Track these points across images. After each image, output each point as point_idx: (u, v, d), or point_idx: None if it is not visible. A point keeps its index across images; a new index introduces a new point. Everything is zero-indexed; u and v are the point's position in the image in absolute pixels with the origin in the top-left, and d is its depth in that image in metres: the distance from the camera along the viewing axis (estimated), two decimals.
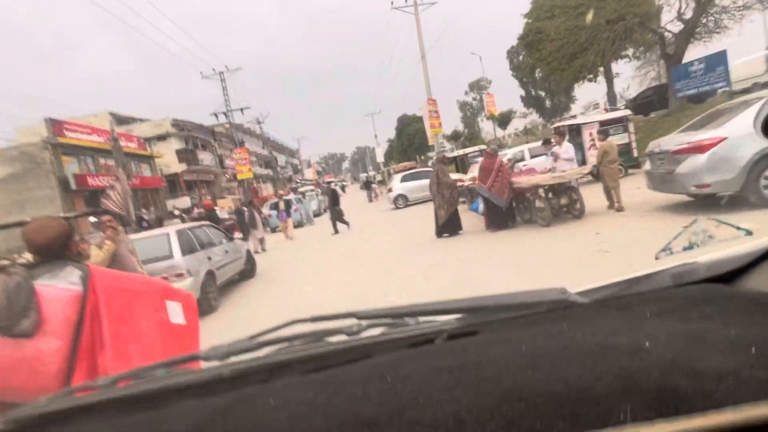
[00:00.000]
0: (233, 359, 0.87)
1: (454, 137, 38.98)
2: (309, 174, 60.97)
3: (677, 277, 0.95)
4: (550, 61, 18.95)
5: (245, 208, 14.49)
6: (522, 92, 56.24)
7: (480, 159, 14.39)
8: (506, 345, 0.71)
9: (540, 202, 8.57)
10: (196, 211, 21.00)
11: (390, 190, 19.55)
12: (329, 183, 19.34)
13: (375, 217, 18.12)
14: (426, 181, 19.57)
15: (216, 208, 24.08)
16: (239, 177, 30.29)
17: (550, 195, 8.66)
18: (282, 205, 15.66)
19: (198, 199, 40.30)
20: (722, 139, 6.30)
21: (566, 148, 9.03)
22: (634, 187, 10.61)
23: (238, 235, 12.77)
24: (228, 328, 6.24)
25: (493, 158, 8.72)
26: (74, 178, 26.23)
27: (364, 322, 0.89)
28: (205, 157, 44.05)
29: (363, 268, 8.28)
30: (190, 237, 7.48)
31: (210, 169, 44.62)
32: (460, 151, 21.32)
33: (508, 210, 8.87)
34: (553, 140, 10.49)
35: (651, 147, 7.60)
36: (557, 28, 18.33)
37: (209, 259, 7.60)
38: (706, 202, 7.08)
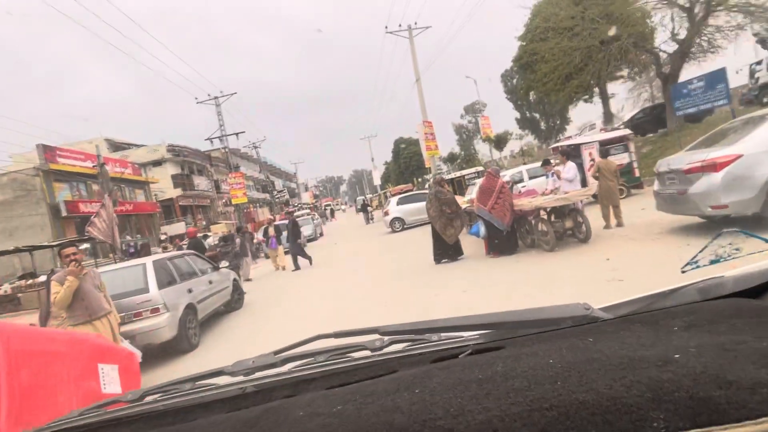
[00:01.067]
0: (258, 374, 0.89)
1: (451, 159, 38.80)
2: (306, 197, 60.60)
3: (703, 291, 0.92)
4: (545, 82, 18.78)
5: (235, 234, 13.93)
6: (517, 114, 56.65)
7: (478, 180, 13.99)
8: (533, 358, 0.70)
9: (543, 225, 8.08)
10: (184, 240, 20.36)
11: (386, 213, 19.07)
12: (291, 212, 18.09)
13: (371, 242, 17.58)
14: (423, 204, 19.50)
15: (209, 234, 23.55)
16: (234, 201, 29.81)
17: (554, 218, 8.17)
18: (272, 231, 14.54)
19: (193, 224, 39.82)
20: (738, 157, 5.86)
21: (569, 168, 8.60)
22: (638, 208, 10.15)
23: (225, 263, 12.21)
24: (207, 367, 5.66)
25: (494, 179, 8.26)
26: (65, 205, 25.70)
27: (386, 338, 0.90)
28: (201, 182, 43.71)
29: (356, 300, 7.70)
30: (169, 268, 6.91)
31: (206, 194, 44.22)
32: (457, 173, 20.96)
33: (510, 234, 8.36)
34: (553, 161, 10.08)
35: (660, 166, 7.16)
36: (551, 50, 18.22)
37: (190, 291, 7.02)
38: (720, 224, 6.61)
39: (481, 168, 20.82)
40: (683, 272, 1.15)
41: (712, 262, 1.18)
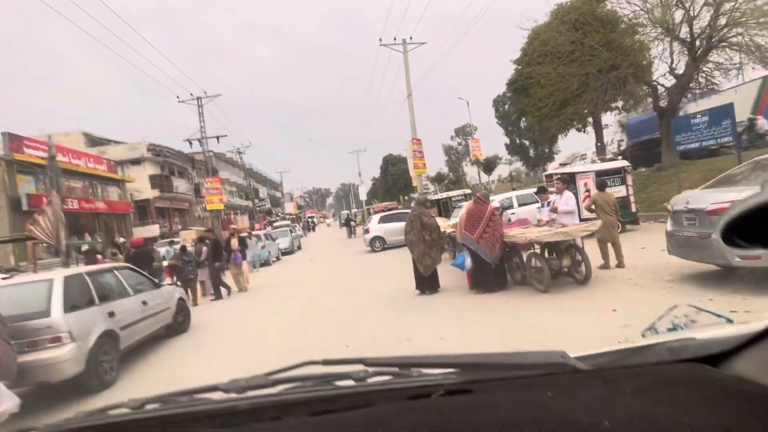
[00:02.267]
0: (249, 393, 0.93)
1: (438, 179, 38.09)
2: (290, 208, 59.11)
3: (673, 351, 0.96)
4: (540, 107, 18.04)
5: (193, 245, 12.55)
6: (507, 140, 56.49)
7: (464, 204, 12.99)
8: (495, 409, 0.75)
9: (537, 261, 7.03)
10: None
11: (367, 231, 17.93)
12: (210, 230, 15.79)
13: (347, 261, 16.37)
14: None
15: (176, 240, 22.00)
16: (209, 207, 28.35)
17: (549, 253, 7.14)
18: (235, 243, 12.28)
19: (168, 227, 38.05)
20: None
21: (567, 199, 7.60)
22: (637, 247, 9.19)
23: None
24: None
25: (483, 205, 7.21)
26: (27, 198, 24.00)
27: (370, 369, 0.93)
28: (181, 185, 42.12)
29: (316, 335, 6.51)
30: (88, 286, 5.64)
31: (184, 197, 42.61)
32: (443, 194, 19.99)
33: (498, 268, 7.29)
34: (550, 188, 9.11)
35: (676, 203, 6.20)
36: (548, 75, 17.53)
37: (111, 315, 5.74)
38: (739, 274, 5.63)
39: (468, 191, 19.88)
40: (643, 336, 1.40)
41: (670, 330, 1.34)
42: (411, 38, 21.31)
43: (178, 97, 26.70)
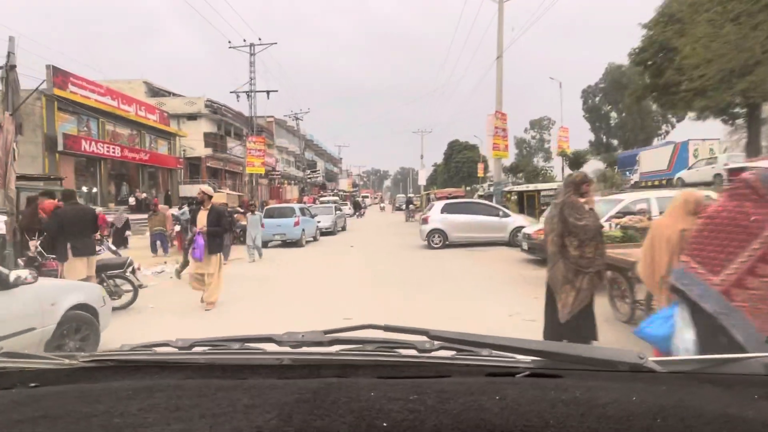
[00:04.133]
0: (305, 349, 0.87)
1: (513, 170, 33.18)
2: (345, 184, 56.11)
3: None
4: (692, 78, 12.73)
5: (180, 208, 8.96)
6: (592, 136, 49.75)
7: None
8: (589, 395, 0.67)
9: None
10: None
11: (425, 221, 13.75)
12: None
13: (396, 258, 12.28)
14: (477, 218, 13.47)
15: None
16: (248, 170, 25.38)
17: None
18: (201, 222, 6.66)
19: (217, 187, 35.82)
20: None
21: None
22: None
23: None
24: None
25: (759, 204, 2.84)
26: (64, 138, 22.11)
27: (435, 342, 0.87)
28: (236, 147, 39.91)
29: None
30: None
31: (238, 160, 40.28)
32: (530, 186, 15.36)
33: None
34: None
35: None
36: (702, 39, 12.27)
37: None
38: None
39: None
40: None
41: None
42: None
43: (229, 42, 23.59)
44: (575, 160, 26.58)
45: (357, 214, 38.15)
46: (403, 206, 47.31)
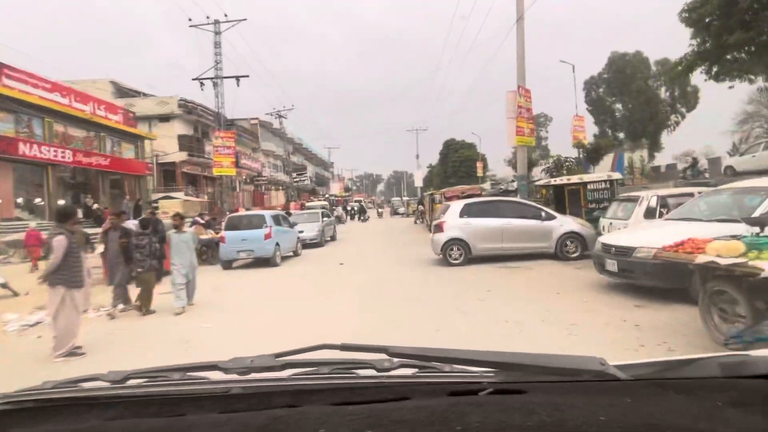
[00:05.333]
0: (254, 375, 0.82)
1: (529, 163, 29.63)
2: (336, 188, 52.32)
3: (729, 367, 0.84)
4: None
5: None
6: (596, 130, 46.47)
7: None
8: (554, 412, 0.65)
9: None
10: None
11: (438, 229, 9.99)
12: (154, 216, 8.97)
13: (404, 282, 8.58)
14: (511, 223, 9.19)
15: (154, 214, 15.14)
16: (215, 171, 21.57)
17: None
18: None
19: (195, 194, 31.88)
20: None
21: None
22: None
23: None
24: None
25: None
26: None
27: (395, 360, 0.84)
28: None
29: None
30: None
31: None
32: (572, 178, 11.72)
33: None
34: None
35: None
36: None
37: None
38: None
39: (617, 175, 11.42)
40: (726, 345, 1.39)
41: (758, 340, 1.23)
42: None
43: (190, 19, 19.79)
44: (594, 151, 23.05)
45: (361, 218, 35.43)
46: (400, 210, 43.72)
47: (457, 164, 49.87)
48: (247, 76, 21.57)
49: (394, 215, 41.23)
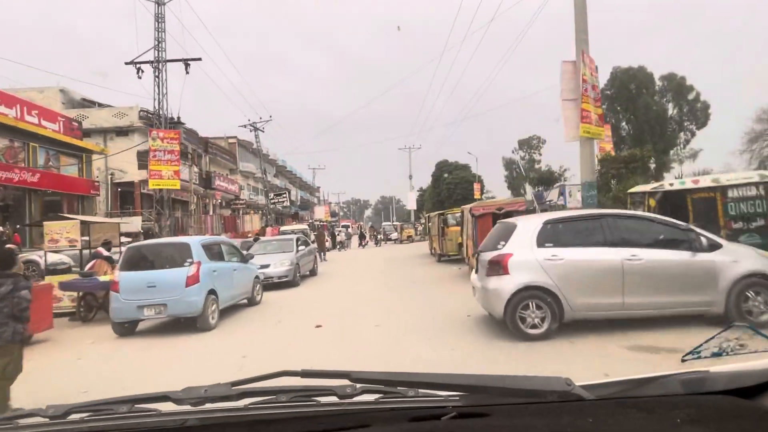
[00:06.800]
0: (208, 406, 0.76)
1: (544, 181, 25.51)
2: (321, 213, 47.61)
3: (690, 384, 0.84)
4: None
5: None
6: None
7: None
8: None
9: None
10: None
11: (496, 266, 5.25)
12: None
13: None
14: (642, 256, 5.36)
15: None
16: (151, 185, 16.74)
17: None
18: None
19: (156, 222, 26.71)
20: None
21: None
22: None
23: None
24: None
25: None
26: None
27: (358, 386, 0.80)
28: (184, 169, 31.15)
29: None
30: None
31: (187, 187, 31.50)
32: (700, 181, 7.18)
33: None
34: None
35: None
36: None
37: None
38: None
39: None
40: (683, 361, 1.42)
41: (714, 355, 1.27)
42: None
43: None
44: (629, 163, 18.97)
45: (361, 244, 32.84)
46: (393, 236, 38.91)
47: (452, 186, 45.72)
48: (200, 59, 17.04)
49: (386, 242, 35.72)
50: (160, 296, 6.41)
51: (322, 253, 19.91)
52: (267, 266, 10.71)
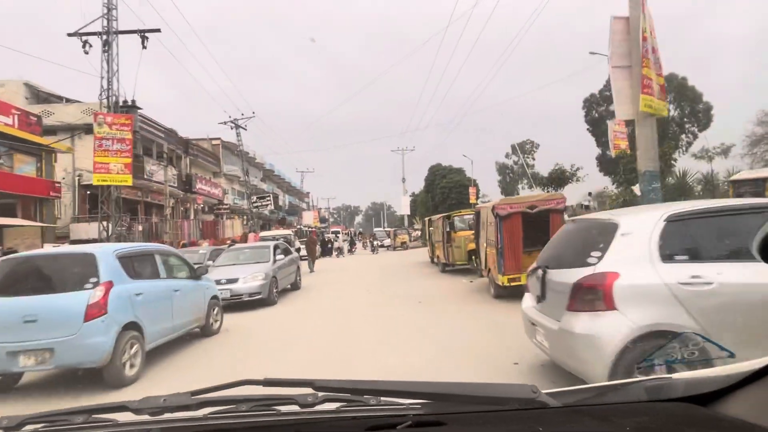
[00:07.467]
0: (167, 416, 0.75)
1: (554, 181, 23.36)
2: (310, 219, 45.16)
3: (651, 391, 0.85)
4: None
5: None
6: (598, 151, 41.51)
7: None
8: None
9: None
10: None
11: (591, 295, 3.06)
12: None
13: None
14: None
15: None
16: (95, 180, 14.32)
17: None
18: None
19: (126, 227, 24.08)
20: None
21: None
22: None
23: None
24: None
25: None
26: None
27: (320, 394, 0.78)
28: (159, 170, 28.62)
29: None
30: None
31: (162, 189, 28.95)
32: None
33: None
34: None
35: None
36: None
37: None
38: None
39: None
40: (638, 369, 1.34)
41: (669, 363, 1.28)
42: None
43: None
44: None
45: (349, 250, 30.95)
46: (386, 242, 36.33)
47: (446, 191, 43.79)
48: (159, 30, 14.65)
49: (375, 250, 32.62)
50: (43, 336, 4.07)
51: (311, 263, 17.63)
52: (235, 281, 8.44)
